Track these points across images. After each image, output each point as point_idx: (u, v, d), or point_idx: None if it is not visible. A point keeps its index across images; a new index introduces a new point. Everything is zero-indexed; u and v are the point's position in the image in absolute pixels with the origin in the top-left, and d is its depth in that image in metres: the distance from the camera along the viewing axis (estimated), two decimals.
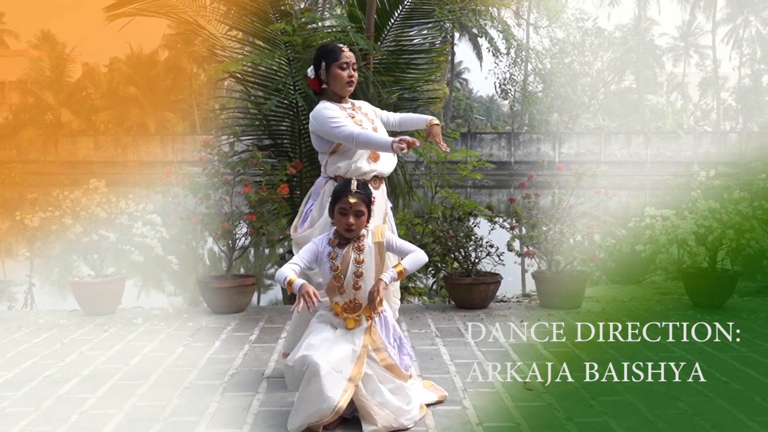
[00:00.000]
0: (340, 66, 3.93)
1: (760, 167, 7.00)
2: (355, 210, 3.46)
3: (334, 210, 3.50)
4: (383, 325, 3.57)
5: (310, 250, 3.58)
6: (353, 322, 3.51)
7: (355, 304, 3.52)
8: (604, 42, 47.05)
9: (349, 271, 3.48)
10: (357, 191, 3.47)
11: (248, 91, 7.39)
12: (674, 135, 37.92)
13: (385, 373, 3.47)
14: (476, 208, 6.69)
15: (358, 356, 3.42)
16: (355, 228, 3.48)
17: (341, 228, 3.50)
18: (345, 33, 6.43)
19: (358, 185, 3.50)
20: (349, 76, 3.96)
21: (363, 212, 3.48)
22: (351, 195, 3.45)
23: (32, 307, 7.01)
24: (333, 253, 3.51)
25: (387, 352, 3.50)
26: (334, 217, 3.51)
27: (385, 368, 3.48)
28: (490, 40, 21.67)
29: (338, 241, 3.54)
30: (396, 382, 3.49)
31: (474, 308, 6.14)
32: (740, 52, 52.30)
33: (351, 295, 3.50)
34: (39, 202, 6.49)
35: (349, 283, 3.48)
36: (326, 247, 3.55)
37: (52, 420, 3.59)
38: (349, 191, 3.46)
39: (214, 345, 5.04)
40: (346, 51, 3.97)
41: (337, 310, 3.53)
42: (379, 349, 3.49)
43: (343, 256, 3.50)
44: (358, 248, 3.52)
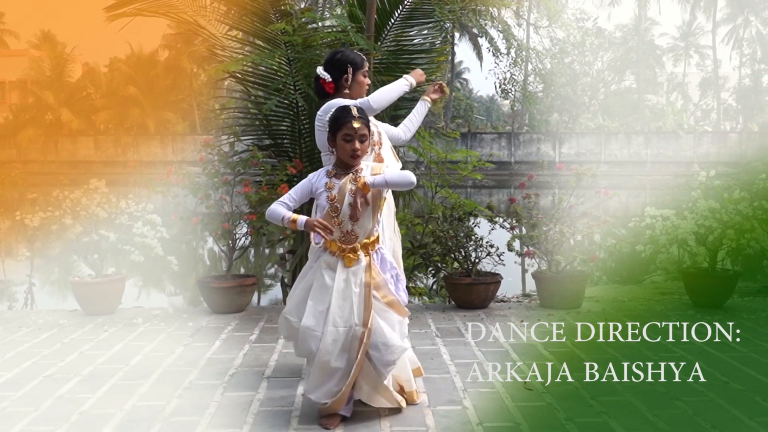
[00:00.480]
0: (364, 74, 4.17)
1: (760, 167, 6.99)
2: (360, 134, 3.44)
3: (336, 138, 3.47)
4: (380, 261, 3.56)
5: (301, 186, 3.57)
6: (351, 259, 3.46)
7: (352, 235, 3.46)
8: (604, 42, 47.10)
9: (346, 201, 3.43)
10: (359, 116, 3.46)
11: (248, 91, 7.39)
12: (674, 135, 37.92)
13: (386, 310, 3.47)
14: (476, 208, 6.69)
15: (364, 298, 3.41)
16: (360, 153, 3.46)
17: (346, 154, 3.46)
18: (345, 33, 6.43)
19: (357, 110, 3.50)
20: (368, 84, 4.22)
21: (366, 136, 3.48)
22: (354, 120, 3.44)
23: (32, 307, 7.01)
24: (330, 183, 3.48)
25: (387, 289, 3.50)
26: (336, 145, 3.48)
27: (386, 305, 3.48)
28: (490, 40, 21.62)
29: (335, 172, 3.51)
30: (396, 318, 3.50)
31: (474, 308, 6.14)
32: (740, 52, 52.34)
33: (348, 226, 3.45)
34: (39, 202, 6.49)
35: (345, 213, 3.43)
36: (323, 179, 3.52)
37: (52, 420, 3.59)
38: (352, 117, 3.45)
39: (215, 345, 5.04)
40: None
41: (333, 248, 3.48)
42: (380, 287, 3.48)
43: (340, 186, 3.45)
44: (355, 180, 3.47)
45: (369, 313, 3.40)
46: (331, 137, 3.52)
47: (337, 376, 3.42)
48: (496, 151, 37.05)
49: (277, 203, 3.54)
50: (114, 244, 6.14)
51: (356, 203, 3.41)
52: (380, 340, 3.42)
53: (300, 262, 6.85)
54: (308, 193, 3.55)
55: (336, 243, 3.47)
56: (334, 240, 3.46)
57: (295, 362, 4.51)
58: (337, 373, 3.41)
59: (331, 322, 3.38)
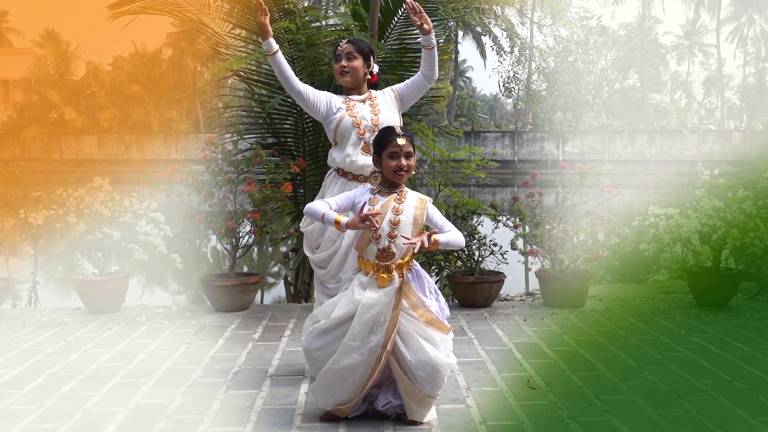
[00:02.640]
0: (335, 59, 4.09)
1: (764, 166, 6.98)
2: (406, 152, 3.44)
3: (382, 157, 3.47)
4: (416, 280, 3.53)
5: (346, 196, 3.56)
6: (385, 280, 3.43)
7: (389, 252, 3.44)
8: (608, 40, 47.02)
9: (387, 218, 3.42)
10: (404, 133, 3.46)
11: (252, 90, 7.39)
12: (678, 134, 37.85)
13: (426, 329, 3.43)
14: (480, 207, 6.69)
15: (390, 320, 3.38)
16: (406, 170, 3.45)
17: (390, 172, 3.45)
18: (349, 31, 6.43)
19: (401, 128, 3.50)
20: (341, 68, 4.04)
21: (412, 153, 3.47)
22: (399, 137, 3.43)
23: (36, 305, 7.02)
24: (374, 199, 3.48)
25: (425, 307, 3.46)
26: (382, 163, 3.48)
27: (426, 323, 3.44)
28: (493, 38, 21.58)
29: (379, 190, 3.51)
30: (438, 336, 3.45)
31: (477, 307, 6.14)
32: (744, 50, 52.24)
33: (385, 243, 3.43)
34: (43, 200, 6.49)
35: (384, 230, 3.41)
36: (367, 194, 3.52)
37: (55, 418, 3.59)
38: (397, 134, 3.44)
39: (218, 343, 5.04)
40: (341, 45, 4.08)
41: (369, 269, 3.47)
42: (416, 306, 3.45)
43: (383, 203, 3.45)
44: (399, 199, 3.48)
45: (390, 335, 3.36)
46: (376, 157, 3.52)
47: (346, 389, 3.41)
48: (500, 149, 37.01)
49: (320, 201, 3.53)
50: (117, 242, 6.15)
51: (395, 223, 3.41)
52: (423, 359, 3.37)
53: (303, 261, 6.86)
54: (350, 206, 3.55)
55: (371, 263, 3.47)
56: (369, 260, 3.47)
57: (299, 361, 4.51)
58: (346, 385, 3.40)
59: (350, 336, 3.37)
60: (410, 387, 3.40)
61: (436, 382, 3.40)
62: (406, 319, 3.41)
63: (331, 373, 3.41)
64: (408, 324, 3.40)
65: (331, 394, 3.45)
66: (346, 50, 4.01)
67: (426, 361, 3.36)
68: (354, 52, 4.02)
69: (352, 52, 4.02)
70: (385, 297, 3.40)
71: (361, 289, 3.44)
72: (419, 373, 3.37)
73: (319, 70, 6.55)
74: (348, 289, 3.51)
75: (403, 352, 3.37)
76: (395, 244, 3.43)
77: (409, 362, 3.37)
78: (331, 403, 3.47)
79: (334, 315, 3.44)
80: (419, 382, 3.38)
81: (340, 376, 3.40)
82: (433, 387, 3.40)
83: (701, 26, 55.12)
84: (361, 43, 4.15)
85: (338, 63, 4.04)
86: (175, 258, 6.40)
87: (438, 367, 3.37)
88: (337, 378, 3.40)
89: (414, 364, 3.36)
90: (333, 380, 3.42)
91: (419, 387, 3.38)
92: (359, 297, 3.41)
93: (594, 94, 46.02)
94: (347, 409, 3.47)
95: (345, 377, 3.39)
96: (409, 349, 3.38)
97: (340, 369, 3.38)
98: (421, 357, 3.37)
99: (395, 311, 3.39)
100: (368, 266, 3.47)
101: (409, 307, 3.43)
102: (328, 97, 4.08)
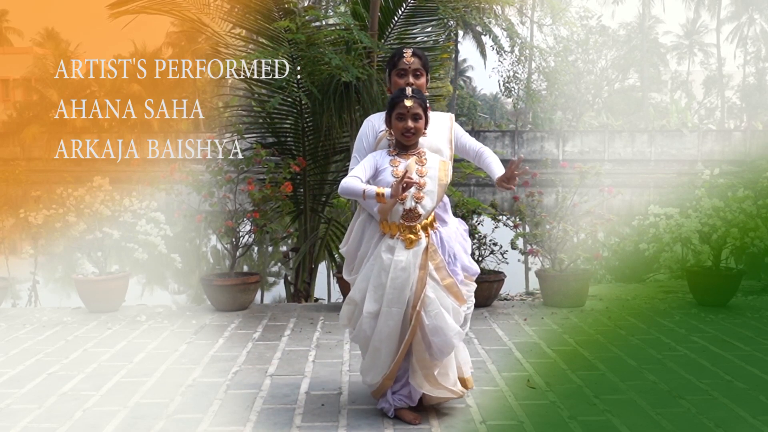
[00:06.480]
0: (398, 72, 3.70)
1: (764, 165, 6.99)
2: (413, 113, 3.44)
3: (391, 118, 3.48)
4: (440, 242, 3.54)
5: (368, 161, 3.52)
6: (412, 240, 3.43)
7: (414, 213, 3.44)
8: (608, 40, 47.02)
9: (413, 178, 3.39)
10: (413, 95, 3.46)
11: (252, 89, 7.39)
12: (678, 133, 37.84)
13: (444, 294, 3.46)
14: (480, 206, 6.69)
15: (418, 280, 3.40)
16: (414, 131, 3.46)
17: (399, 133, 3.47)
18: (349, 31, 6.42)
19: (412, 90, 3.49)
20: (407, 84, 3.61)
21: (420, 116, 3.46)
22: (407, 98, 3.44)
23: (36, 304, 7.02)
24: (395, 161, 3.48)
25: (446, 271, 3.49)
26: (392, 125, 3.49)
27: (445, 287, 3.47)
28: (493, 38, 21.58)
29: (398, 152, 3.52)
30: (451, 304, 3.47)
31: (477, 306, 6.10)
32: (745, 50, 52.23)
33: (411, 203, 3.43)
34: (43, 199, 6.49)
35: (409, 191, 3.39)
36: (386, 156, 3.51)
37: (55, 417, 3.59)
38: (405, 96, 3.45)
39: (218, 343, 5.04)
40: (407, 56, 3.70)
41: (394, 231, 3.46)
42: (440, 268, 3.48)
43: (407, 164, 3.45)
44: (420, 161, 3.49)
45: (419, 295, 3.39)
46: (387, 118, 3.53)
47: (387, 356, 3.45)
48: (500, 149, 36.94)
49: (352, 178, 3.45)
50: (117, 241, 6.15)
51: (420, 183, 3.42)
52: (439, 325, 3.40)
53: (303, 260, 6.86)
54: (375, 170, 3.53)
55: (395, 224, 3.46)
56: (393, 222, 3.46)
57: (299, 360, 4.51)
58: (388, 352, 3.44)
59: (386, 303, 3.40)
60: (423, 354, 3.44)
61: (442, 348, 3.43)
62: (429, 283, 3.43)
63: (373, 346, 3.46)
64: (430, 288, 3.43)
65: (375, 366, 3.50)
66: (413, 65, 3.64)
67: (441, 327, 3.39)
68: (421, 69, 3.67)
69: (419, 69, 3.66)
70: (413, 257, 3.42)
71: (389, 253, 3.44)
72: (434, 338, 3.40)
73: (319, 70, 6.55)
74: (377, 257, 3.49)
75: (422, 316, 3.40)
76: (421, 204, 3.45)
77: (426, 326, 3.40)
78: (375, 375, 3.52)
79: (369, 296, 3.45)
80: (432, 348, 3.41)
81: (383, 345, 3.43)
82: (439, 352, 3.43)
83: (701, 26, 55.10)
84: (424, 56, 3.74)
85: (402, 78, 3.63)
86: (175, 257, 6.40)
87: (447, 333, 3.40)
88: (381, 347, 3.44)
89: (431, 329, 3.40)
90: (375, 351, 3.47)
91: (430, 356, 3.42)
92: (388, 262, 3.42)
93: (594, 93, 46.03)
94: (390, 378, 3.49)
95: (384, 344, 3.43)
96: (428, 313, 3.40)
97: (383, 338, 3.42)
98: (438, 323, 3.40)
99: (422, 271, 3.42)
100: (393, 228, 3.47)
101: (433, 269, 3.45)
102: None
